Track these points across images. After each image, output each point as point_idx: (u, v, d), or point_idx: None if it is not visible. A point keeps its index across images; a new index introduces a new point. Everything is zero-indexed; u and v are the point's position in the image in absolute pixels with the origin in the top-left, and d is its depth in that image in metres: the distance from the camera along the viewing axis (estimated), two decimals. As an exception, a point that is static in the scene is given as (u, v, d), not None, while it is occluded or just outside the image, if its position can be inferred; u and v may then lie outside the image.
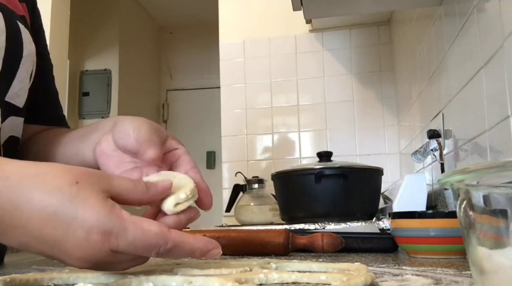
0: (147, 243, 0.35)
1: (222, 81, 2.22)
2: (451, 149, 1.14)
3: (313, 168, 1.32)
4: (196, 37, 4.08)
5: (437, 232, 0.60)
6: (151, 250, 0.35)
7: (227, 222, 1.87)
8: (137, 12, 3.81)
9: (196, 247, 0.37)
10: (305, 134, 2.12)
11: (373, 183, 1.36)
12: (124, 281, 0.36)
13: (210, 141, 3.74)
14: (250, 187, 1.75)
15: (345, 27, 2.14)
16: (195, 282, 0.36)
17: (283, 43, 2.19)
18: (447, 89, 1.18)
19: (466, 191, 0.28)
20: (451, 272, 0.44)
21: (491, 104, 0.85)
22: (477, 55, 0.91)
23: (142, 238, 0.35)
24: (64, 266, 0.42)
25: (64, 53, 2.62)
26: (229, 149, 2.16)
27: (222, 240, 0.71)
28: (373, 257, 0.65)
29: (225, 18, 2.28)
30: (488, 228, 0.27)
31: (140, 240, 0.35)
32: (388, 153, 2.04)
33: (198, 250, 0.37)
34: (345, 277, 0.36)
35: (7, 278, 0.37)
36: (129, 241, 0.35)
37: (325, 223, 1.14)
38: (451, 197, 1.14)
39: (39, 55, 0.68)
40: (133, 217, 0.36)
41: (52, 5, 2.43)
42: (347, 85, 2.11)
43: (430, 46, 1.35)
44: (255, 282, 0.38)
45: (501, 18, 0.78)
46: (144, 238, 0.35)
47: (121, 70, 3.41)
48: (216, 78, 2.37)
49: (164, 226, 0.36)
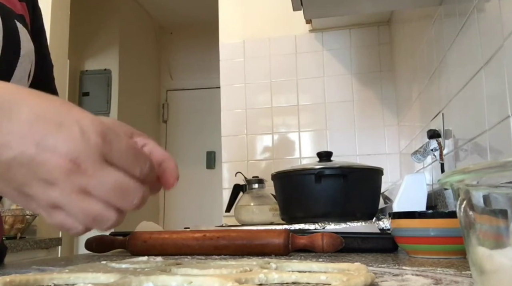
0: (137, 155, 0.35)
1: (222, 81, 2.22)
2: (451, 149, 1.14)
3: (313, 168, 1.31)
4: (196, 37, 4.07)
5: (437, 232, 0.60)
6: (139, 164, 0.35)
7: (227, 222, 1.87)
8: (137, 12, 3.81)
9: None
10: (305, 134, 2.12)
11: (373, 183, 1.36)
12: (124, 281, 0.36)
13: (210, 142, 3.74)
14: (250, 187, 1.75)
15: (345, 27, 2.14)
16: (195, 282, 0.36)
17: (283, 43, 2.19)
18: (447, 89, 1.18)
19: (466, 191, 0.28)
20: (451, 272, 0.44)
21: (491, 104, 0.85)
22: (477, 55, 0.91)
23: (134, 150, 0.35)
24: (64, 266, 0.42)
25: (64, 53, 2.62)
26: (229, 149, 2.16)
27: (222, 240, 0.71)
28: (373, 257, 0.65)
29: (225, 18, 2.28)
30: (488, 228, 0.27)
31: (132, 150, 0.35)
32: (388, 153, 2.04)
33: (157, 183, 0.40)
34: (345, 277, 0.36)
35: (7, 278, 0.37)
36: (122, 148, 0.34)
37: (325, 223, 1.14)
38: (451, 197, 1.14)
39: (39, 55, 0.68)
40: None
41: (52, 5, 2.43)
42: (347, 85, 2.11)
43: (430, 46, 1.35)
44: (255, 282, 0.38)
45: (501, 18, 0.78)
46: (135, 151, 0.35)
47: (121, 70, 3.41)
48: (216, 78, 2.37)
49: None
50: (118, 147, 0.34)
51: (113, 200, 0.34)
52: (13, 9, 0.63)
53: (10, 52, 0.59)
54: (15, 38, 0.60)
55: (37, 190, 0.33)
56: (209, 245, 0.71)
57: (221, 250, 0.71)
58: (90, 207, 0.33)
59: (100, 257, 0.75)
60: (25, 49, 0.62)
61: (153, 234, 0.76)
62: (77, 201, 0.33)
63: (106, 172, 0.33)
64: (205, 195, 3.68)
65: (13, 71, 0.60)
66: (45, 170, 0.32)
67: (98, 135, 0.33)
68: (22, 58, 0.61)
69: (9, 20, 0.60)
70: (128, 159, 0.34)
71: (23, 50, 0.61)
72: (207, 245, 0.71)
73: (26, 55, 0.62)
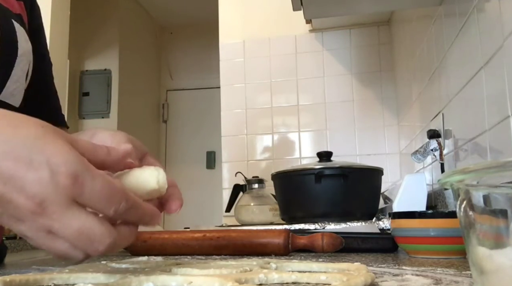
0: (111, 196, 0.34)
1: (222, 81, 2.22)
2: (451, 149, 1.14)
3: (313, 168, 1.32)
4: (196, 37, 4.07)
5: (437, 232, 0.60)
6: (113, 205, 0.34)
7: (227, 222, 1.87)
8: (137, 12, 3.81)
9: (146, 213, 0.38)
10: (305, 134, 2.12)
11: (373, 183, 1.36)
12: (124, 281, 0.36)
13: (210, 142, 3.74)
14: (250, 187, 1.75)
15: (345, 27, 2.14)
16: (195, 282, 0.36)
17: (283, 43, 2.19)
18: (447, 89, 1.18)
19: (466, 191, 0.28)
20: (451, 272, 0.44)
21: (491, 104, 0.85)
22: (477, 55, 0.91)
23: (108, 190, 0.34)
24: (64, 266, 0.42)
25: (64, 53, 2.62)
26: (229, 149, 2.16)
27: (222, 240, 0.71)
28: (373, 257, 0.65)
29: (225, 18, 2.28)
30: (488, 228, 0.27)
31: (105, 191, 0.33)
32: (388, 153, 2.04)
33: (147, 216, 0.38)
34: (345, 277, 0.36)
35: (7, 278, 0.37)
36: (95, 190, 0.33)
37: (325, 223, 1.14)
38: (451, 197, 1.14)
39: (38, 54, 0.67)
40: (100, 170, 0.35)
41: (52, 5, 2.43)
42: (347, 85, 2.11)
43: (430, 46, 1.35)
44: (255, 282, 0.38)
45: (501, 18, 0.78)
46: (109, 191, 0.34)
47: (121, 70, 3.41)
48: (216, 78, 2.37)
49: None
50: (91, 188, 0.33)
51: (78, 244, 0.34)
52: (10, 9, 0.63)
53: (7, 52, 0.59)
54: (12, 38, 0.60)
55: (8, 222, 0.34)
56: (209, 245, 0.71)
57: (221, 250, 0.71)
58: (55, 246, 0.34)
59: (100, 257, 0.75)
60: (23, 49, 0.61)
61: (153, 234, 0.76)
62: (43, 239, 0.34)
63: (72, 216, 0.33)
64: (205, 195, 3.68)
65: (11, 72, 0.60)
66: (13, 207, 0.33)
67: (68, 177, 0.32)
68: (20, 58, 0.61)
69: (6, 20, 0.59)
70: (101, 199, 0.33)
71: (21, 50, 0.61)
72: (207, 245, 0.71)
73: (23, 55, 0.61)
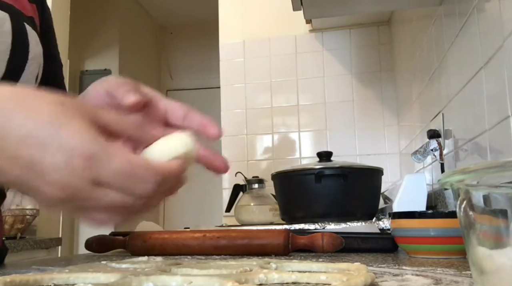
0: (133, 174, 0.32)
1: (222, 81, 2.22)
2: (451, 149, 1.14)
3: (313, 168, 1.31)
4: (196, 37, 4.08)
5: (437, 232, 0.60)
6: (137, 183, 0.32)
7: (227, 222, 1.87)
8: (137, 12, 3.81)
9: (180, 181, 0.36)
10: (305, 134, 2.12)
11: (373, 183, 1.36)
12: (124, 281, 0.36)
13: (210, 141, 3.74)
14: (250, 187, 1.75)
15: (345, 27, 2.14)
16: (195, 282, 0.36)
17: (283, 43, 2.18)
18: (447, 89, 1.18)
19: (466, 191, 0.28)
20: (451, 272, 0.44)
21: (491, 104, 0.85)
22: (477, 55, 0.91)
23: (129, 168, 0.32)
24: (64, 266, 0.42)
25: (64, 53, 2.62)
26: (229, 149, 2.15)
27: (222, 240, 0.71)
28: (373, 257, 0.65)
29: (225, 18, 2.28)
30: (488, 228, 0.27)
31: (127, 169, 0.32)
32: (388, 153, 2.04)
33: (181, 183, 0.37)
34: (345, 277, 0.36)
35: (7, 278, 0.37)
36: (113, 170, 0.31)
37: (325, 223, 1.14)
38: (451, 197, 1.14)
39: (49, 56, 0.67)
40: (121, 147, 0.33)
41: (52, 5, 2.43)
42: (347, 85, 2.11)
43: (430, 46, 1.35)
44: (255, 282, 0.38)
45: (501, 18, 0.78)
46: (131, 169, 0.32)
47: (121, 70, 3.41)
48: (216, 78, 2.37)
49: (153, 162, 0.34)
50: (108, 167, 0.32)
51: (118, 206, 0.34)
52: (23, 11, 0.62)
53: (18, 56, 0.59)
54: (24, 41, 0.59)
55: (47, 207, 0.35)
56: (209, 245, 0.71)
57: (221, 250, 0.71)
58: (100, 217, 0.34)
59: (100, 257, 0.75)
60: (33, 52, 0.61)
61: (153, 234, 0.76)
62: (86, 215, 0.34)
63: (97, 196, 0.32)
64: (205, 195, 3.68)
65: (21, 75, 0.59)
66: (41, 195, 0.33)
67: (84, 160, 0.31)
68: (30, 61, 0.60)
69: (18, 23, 0.59)
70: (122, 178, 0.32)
71: (31, 53, 0.60)
72: (207, 245, 0.71)
73: (34, 59, 0.61)
